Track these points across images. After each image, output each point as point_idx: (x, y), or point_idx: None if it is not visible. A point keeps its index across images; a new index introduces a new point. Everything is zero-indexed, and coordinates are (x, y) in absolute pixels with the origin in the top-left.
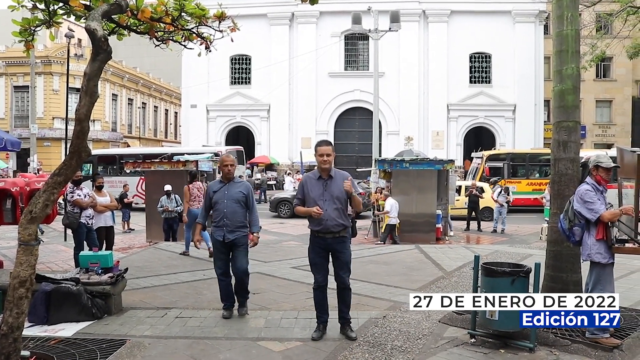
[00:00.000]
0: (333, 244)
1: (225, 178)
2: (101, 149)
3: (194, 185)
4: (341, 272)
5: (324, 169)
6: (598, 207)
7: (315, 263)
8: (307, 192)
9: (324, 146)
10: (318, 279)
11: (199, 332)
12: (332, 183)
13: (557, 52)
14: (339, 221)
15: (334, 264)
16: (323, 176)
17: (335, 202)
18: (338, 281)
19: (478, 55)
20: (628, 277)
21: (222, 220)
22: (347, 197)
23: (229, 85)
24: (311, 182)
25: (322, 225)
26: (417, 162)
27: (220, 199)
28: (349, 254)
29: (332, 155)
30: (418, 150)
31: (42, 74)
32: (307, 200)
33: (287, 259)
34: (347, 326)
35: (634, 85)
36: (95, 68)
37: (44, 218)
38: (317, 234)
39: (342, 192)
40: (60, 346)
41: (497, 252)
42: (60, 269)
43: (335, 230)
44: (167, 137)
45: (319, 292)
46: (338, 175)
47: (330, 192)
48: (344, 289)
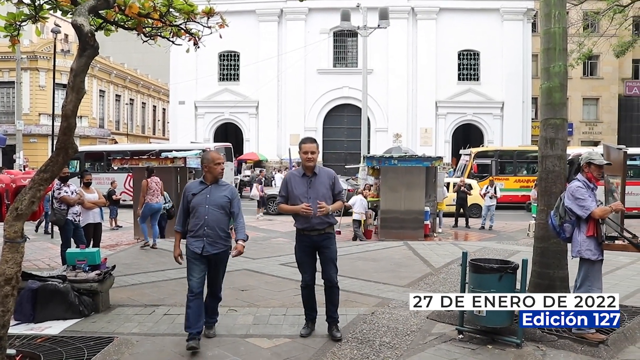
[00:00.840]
0: (319, 241)
1: (210, 179)
2: (88, 146)
3: (152, 180)
4: (328, 269)
5: (308, 167)
6: (589, 204)
7: (303, 262)
8: (291, 189)
9: (308, 143)
10: (306, 277)
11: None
12: (316, 181)
13: (545, 49)
14: (324, 219)
15: (321, 260)
16: (307, 174)
17: (320, 199)
18: (325, 279)
19: (466, 52)
20: (613, 274)
21: (202, 229)
22: (331, 195)
23: (217, 81)
24: (295, 179)
25: (307, 224)
26: (406, 159)
27: (201, 204)
28: (334, 250)
29: (317, 152)
30: (406, 147)
31: (28, 69)
32: (291, 198)
33: (276, 256)
34: (333, 326)
35: (620, 83)
36: (82, 64)
37: (30, 215)
38: (302, 232)
39: (327, 189)
40: (47, 344)
41: (485, 249)
42: (47, 267)
43: (320, 228)
44: (155, 134)
45: (306, 291)
46: (322, 172)
47: (315, 190)
48: (332, 287)
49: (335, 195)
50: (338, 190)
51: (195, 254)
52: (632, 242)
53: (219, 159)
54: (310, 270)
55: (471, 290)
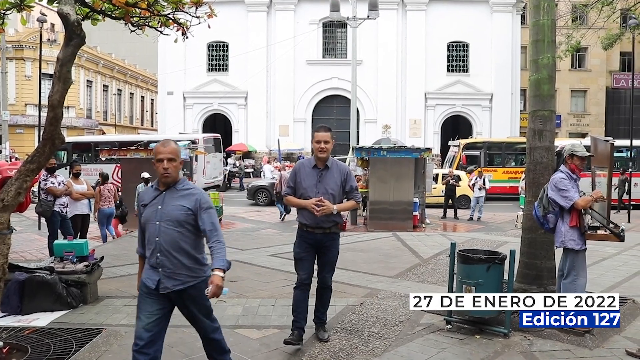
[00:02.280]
0: (322, 240)
1: (162, 183)
2: (76, 136)
3: (105, 187)
4: (325, 271)
5: (320, 158)
6: (572, 195)
7: (301, 259)
8: (299, 180)
9: (322, 132)
10: (302, 276)
11: (176, 320)
12: (327, 174)
13: (534, 41)
14: (331, 217)
15: (319, 261)
16: (318, 165)
17: (329, 195)
18: (319, 279)
19: (456, 44)
20: (600, 264)
21: (155, 256)
22: (342, 192)
23: (205, 72)
24: (305, 170)
25: (312, 220)
26: (395, 150)
27: (151, 219)
28: (336, 253)
29: (331, 143)
30: (395, 138)
31: (13, 59)
32: (298, 190)
33: (265, 247)
34: (320, 327)
35: (608, 75)
36: (68, 53)
37: (17, 206)
38: (306, 228)
39: (338, 185)
40: (34, 336)
41: (473, 240)
42: (34, 258)
43: (326, 226)
44: (143, 125)
45: (299, 292)
46: (335, 166)
47: (325, 184)
48: (325, 289)
49: (347, 192)
50: (350, 187)
51: (147, 287)
52: (613, 232)
53: (160, 152)
54: (308, 269)
55: (459, 280)
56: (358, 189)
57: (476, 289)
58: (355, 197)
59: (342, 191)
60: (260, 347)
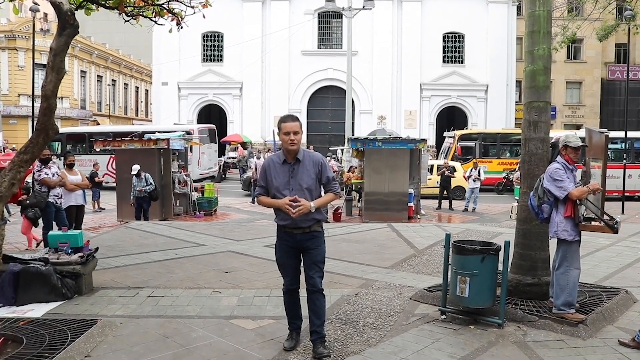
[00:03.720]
0: (303, 241)
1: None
2: (70, 127)
3: None
4: (311, 272)
5: (290, 151)
6: (567, 185)
7: (283, 263)
8: (270, 179)
9: (289, 122)
10: (287, 281)
11: (171, 311)
12: (300, 168)
13: (529, 32)
14: (310, 215)
15: (304, 262)
16: (289, 160)
17: (304, 191)
18: (308, 283)
19: (451, 35)
20: (593, 255)
21: None
22: (319, 185)
23: (200, 62)
24: (275, 167)
25: (289, 220)
26: (390, 141)
27: None
28: (322, 252)
29: (300, 133)
30: (391, 129)
31: (6, 49)
32: (270, 190)
33: (260, 238)
34: (320, 344)
35: (603, 67)
36: (61, 43)
37: (11, 197)
38: (284, 229)
39: (313, 178)
40: (29, 327)
41: (468, 231)
42: (28, 249)
43: (304, 226)
44: (137, 115)
45: (288, 297)
46: (307, 158)
47: (298, 179)
48: (316, 292)
49: (324, 185)
50: (327, 179)
51: None
52: (607, 224)
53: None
54: (293, 273)
55: (454, 271)
56: (335, 178)
57: (471, 279)
58: (333, 188)
59: (319, 184)
60: (255, 338)
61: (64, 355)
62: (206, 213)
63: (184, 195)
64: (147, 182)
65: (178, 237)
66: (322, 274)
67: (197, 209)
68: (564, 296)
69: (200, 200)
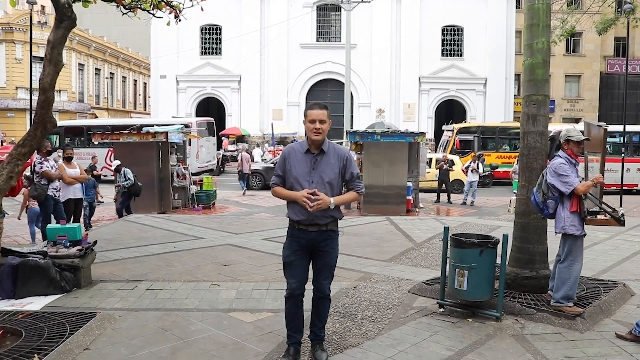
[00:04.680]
0: (318, 240)
1: None
2: (68, 120)
3: None
4: (320, 277)
5: (314, 141)
6: (572, 180)
7: (291, 262)
8: (289, 168)
9: (317, 109)
10: (292, 284)
11: (170, 304)
12: (323, 161)
13: (528, 25)
14: (328, 212)
15: (314, 265)
16: (312, 150)
17: (325, 185)
18: (316, 287)
19: (450, 28)
20: (591, 248)
21: None
22: (340, 181)
23: (199, 55)
24: (296, 155)
25: (305, 215)
26: (389, 134)
27: None
28: (335, 255)
29: (328, 123)
30: (389, 122)
31: (3, 41)
32: (288, 179)
33: (258, 231)
34: (317, 345)
35: (602, 60)
36: (59, 35)
37: (9, 191)
38: (297, 225)
39: (336, 173)
40: (28, 320)
41: (466, 224)
42: (27, 242)
43: (322, 223)
44: (136, 108)
45: (291, 304)
46: (332, 150)
47: (320, 172)
48: (322, 298)
49: (348, 182)
50: (350, 176)
51: None
52: (613, 217)
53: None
54: (300, 275)
55: (452, 264)
56: (360, 177)
57: (469, 272)
58: (357, 187)
59: (341, 180)
60: (254, 331)
61: (63, 348)
62: (205, 206)
63: (182, 188)
64: (125, 177)
65: (176, 230)
66: (332, 279)
67: (195, 202)
68: (564, 289)
69: (199, 193)
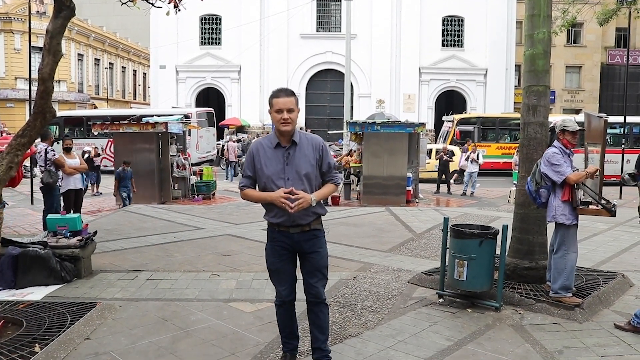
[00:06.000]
0: (301, 242)
1: None
2: (68, 111)
3: None
4: (312, 280)
5: (283, 132)
6: (564, 170)
7: (276, 269)
8: (259, 167)
9: (282, 97)
10: (282, 292)
11: (170, 294)
12: (296, 153)
13: (529, 16)
14: (310, 209)
15: (303, 269)
16: (283, 143)
17: (302, 180)
18: (308, 293)
19: (451, 18)
20: (591, 239)
21: None
22: (318, 173)
23: (198, 45)
24: (265, 152)
25: (284, 216)
26: (389, 124)
27: None
28: (324, 255)
29: (296, 111)
30: (389, 113)
31: (2, 32)
32: (260, 180)
33: (258, 221)
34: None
35: (603, 51)
36: (58, 25)
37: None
38: (277, 227)
39: (313, 165)
40: (29, 310)
41: (466, 215)
42: (27, 233)
43: (304, 223)
44: (135, 99)
45: (282, 311)
46: (305, 141)
47: (295, 166)
48: (318, 304)
49: (324, 173)
50: (327, 167)
51: None
52: (605, 207)
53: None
54: (288, 281)
55: (452, 255)
56: (337, 166)
57: (468, 263)
58: (334, 178)
59: (319, 172)
60: (254, 321)
61: (64, 338)
62: (204, 197)
63: (182, 178)
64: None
65: (176, 220)
66: (326, 281)
67: (195, 192)
68: (562, 280)
69: (199, 183)
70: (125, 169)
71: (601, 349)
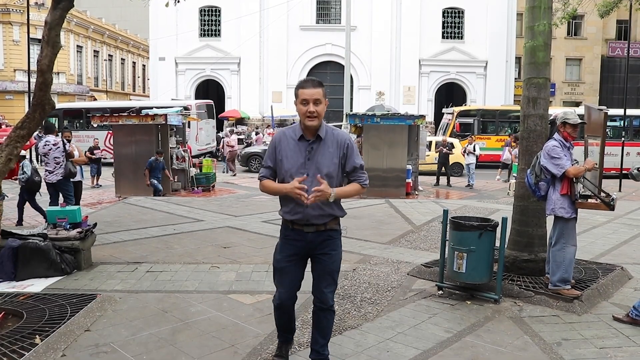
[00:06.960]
0: (315, 242)
1: None
2: (67, 103)
3: None
4: (322, 285)
5: (308, 127)
6: (564, 163)
7: (282, 269)
8: (280, 158)
9: (308, 88)
10: (282, 294)
11: (170, 286)
12: (320, 148)
13: (530, 8)
14: (326, 209)
15: (314, 271)
16: (307, 136)
17: (323, 178)
18: (317, 298)
19: (451, 10)
20: (590, 232)
21: None
22: (340, 172)
23: (198, 37)
24: (288, 143)
25: (300, 213)
26: (388, 117)
27: None
28: (337, 258)
29: (324, 103)
30: (389, 105)
31: (0, 23)
32: (280, 172)
33: (258, 213)
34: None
35: (603, 44)
36: (56, 16)
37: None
38: (291, 225)
39: (335, 163)
40: (29, 302)
41: (466, 207)
42: (27, 225)
43: (319, 222)
44: (135, 91)
45: (280, 313)
46: (331, 136)
47: (317, 162)
48: (325, 310)
49: (348, 173)
50: (352, 166)
51: None
52: (604, 201)
53: None
54: (292, 285)
55: (452, 247)
56: (364, 167)
57: (468, 255)
58: (360, 178)
59: (342, 171)
60: (253, 312)
61: (64, 330)
62: (204, 189)
63: (182, 171)
64: (22, 171)
65: (176, 212)
66: (336, 286)
67: (195, 184)
68: (560, 272)
69: (199, 176)
70: (158, 159)
71: (600, 341)
